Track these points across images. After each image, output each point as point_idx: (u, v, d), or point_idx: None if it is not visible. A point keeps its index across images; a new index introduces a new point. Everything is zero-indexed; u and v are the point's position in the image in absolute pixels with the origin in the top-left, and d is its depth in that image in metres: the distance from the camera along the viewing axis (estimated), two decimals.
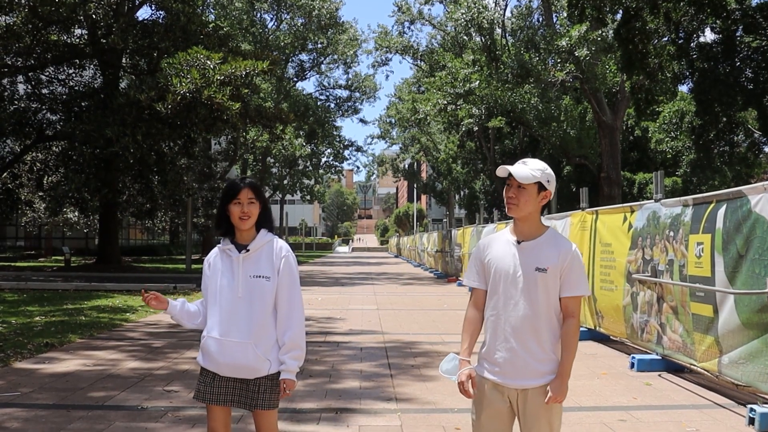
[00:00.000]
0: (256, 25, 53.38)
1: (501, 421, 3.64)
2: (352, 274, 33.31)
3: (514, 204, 3.58)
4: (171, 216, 46.76)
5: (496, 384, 3.60)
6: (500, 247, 3.68)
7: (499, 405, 3.61)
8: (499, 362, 3.58)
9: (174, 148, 31.12)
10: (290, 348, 3.87)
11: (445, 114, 35.57)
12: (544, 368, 3.55)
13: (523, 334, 3.53)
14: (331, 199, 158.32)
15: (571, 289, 3.58)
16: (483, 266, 3.73)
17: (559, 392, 3.53)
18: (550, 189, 3.59)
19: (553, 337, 3.58)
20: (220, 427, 3.97)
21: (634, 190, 39.31)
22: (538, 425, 3.56)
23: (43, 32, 27.63)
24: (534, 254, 3.58)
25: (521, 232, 3.65)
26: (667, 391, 7.73)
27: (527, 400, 3.56)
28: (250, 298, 3.84)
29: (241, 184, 3.92)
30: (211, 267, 3.99)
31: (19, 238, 50.42)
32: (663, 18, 21.90)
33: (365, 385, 7.96)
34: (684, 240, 8.17)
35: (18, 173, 32.71)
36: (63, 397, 7.22)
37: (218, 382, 3.89)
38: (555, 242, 3.62)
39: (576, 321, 3.60)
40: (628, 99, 28.33)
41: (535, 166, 3.59)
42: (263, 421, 3.95)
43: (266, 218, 4.01)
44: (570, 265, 3.57)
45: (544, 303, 3.55)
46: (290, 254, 3.99)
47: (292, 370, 3.87)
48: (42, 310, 14.82)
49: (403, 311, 16.10)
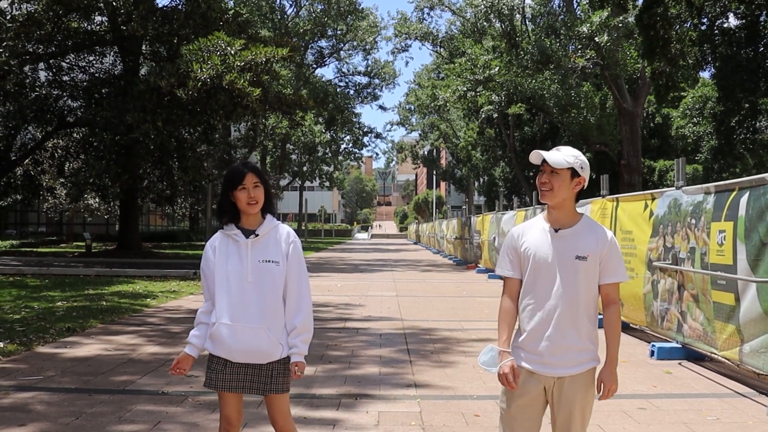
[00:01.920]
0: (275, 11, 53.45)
1: (534, 410, 3.62)
2: (371, 260, 33.33)
3: (548, 189, 3.55)
4: (191, 202, 46.96)
5: (532, 372, 3.58)
6: (537, 235, 3.64)
7: (534, 394, 3.59)
8: (537, 350, 3.55)
9: (194, 134, 31.21)
10: (301, 331, 3.88)
11: (465, 101, 35.48)
12: (581, 356, 3.55)
13: (562, 322, 3.51)
14: (350, 186, 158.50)
15: (612, 276, 3.57)
16: (518, 255, 3.68)
17: (611, 380, 3.56)
18: (584, 176, 3.57)
19: (591, 326, 3.58)
20: (233, 413, 3.97)
21: (655, 177, 39.07)
22: (572, 413, 3.56)
23: (64, 20, 27.74)
24: (573, 242, 3.55)
25: (557, 219, 3.62)
26: (687, 380, 7.69)
27: (563, 389, 3.55)
28: (260, 283, 3.84)
29: (245, 170, 3.88)
30: (216, 253, 3.93)
31: (41, 224, 50.90)
32: (685, 3, 21.72)
33: (384, 371, 7.97)
34: (706, 228, 8.11)
35: (40, 160, 32.97)
36: (85, 381, 7.28)
37: (230, 368, 3.89)
38: (592, 230, 3.60)
39: (617, 307, 3.61)
40: (649, 85, 28.14)
41: (569, 153, 3.57)
42: (276, 404, 3.95)
43: (270, 202, 3.99)
44: (609, 252, 3.56)
45: (584, 291, 3.53)
46: (297, 239, 3.99)
47: (303, 353, 3.87)
48: (64, 296, 14.94)
49: (422, 298, 16.10)
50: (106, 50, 31.57)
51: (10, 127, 30.26)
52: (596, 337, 3.60)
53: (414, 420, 6.03)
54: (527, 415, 3.62)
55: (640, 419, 6.11)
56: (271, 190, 4.05)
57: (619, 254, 3.62)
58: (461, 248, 31.17)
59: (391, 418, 6.09)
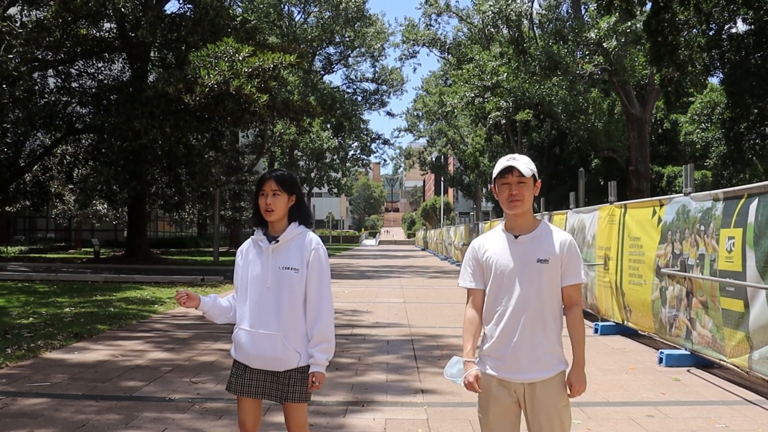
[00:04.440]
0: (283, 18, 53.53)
1: (509, 418, 3.62)
2: (379, 267, 33.32)
3: (519, 200, 3.59)
4: (199, 208, 47.00)
5: (502, 380, 3.58)
6: (498, 243, 3.69)
7: (506, 401, 3.59)
8: (503, 357, 3.57)
9: (202, 140, 31.28)
10: (318, 341, 3.85)
11: (473, 107, 35.51)
12: (550, 360, 3.56)
13: (529, 326, 3.53)
14: (358, 192, 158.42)
15: (572, 278, 3.62)
16: (480, 265, 3.72)
17: (579, 382, 3.56)
18: (539, 181, 3.68)
19: (558, 328, 3.61)
20: (249, 419, 3.97)
21: (663, 184, 38.98)
22: (548, 419, 3.54)
23: (73, 26, 27.82)
24: (533, 247, 3.60)
25: (518, 227, 3.66)
26: (696, 387, 7.65)
27: (535, 394, 3.54)
28: (279, 289, 3.84)
29: (267, 176, 3.93)
30: (243, 257, 4.01)
31: (49, 230, 51.00)
32: (693, 9, 21.65)
33: (391, 377, 7.95)
34: (715, 234, 8.08)
35: (48, 166, 33.04)
36: (92, 387, 7.28)
37: (249, 374, 3.90)
38: (551, 234, 3.65)
39: (580, 309, 3.66)
40: (657, 91, 28.09)
41: (526, 161, 3.64)
42: (293, 414, 3.94)
43: (300, 211, 3.99)
44: (568, 254, 3.61)
45: (548, 293, 3.57)
46: (320, 247, 3.95)
47: (320, 363, 3.85)
48: (72, 302, 14.97)
49: (430, 304, 16.08)
50: (114, 57, 31.68)
51: (20, 134, 30.32)
52: (561, 341, 3.63)
53: (421, 427, 6.01)
54: (503, 424, 3.63)
55: (648, 427, 6.08)
56: (303, 199, 4.05)
57: (579, 256, 3.68)
58: None
59: (398, 425, 6.08)
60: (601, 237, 12.09)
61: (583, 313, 3.72)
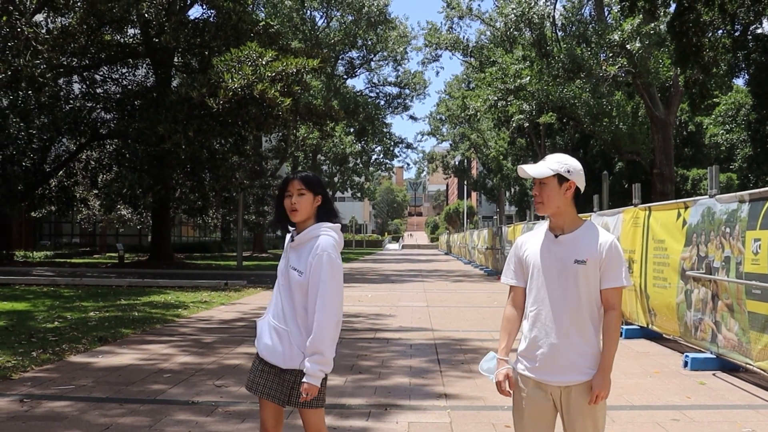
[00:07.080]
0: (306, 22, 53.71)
1: (544, 421, 3.58)
2: (402, 271, 33.30)
3: (539, 202, 3.56)
4: (222, 213, 47.15)
5: (538, 382, 3.54)
6: (538, 242, 3.64)
7: (542, 404, 3.55)
8: (540, 359, 3.52)
9: (225, 145, 31.45)
10: (311, 352, 3.72)
11: (496, 110, 35.43)
12: (586, 363, 3.49)
13: (565, 328, 3.48)
14: (381, 197, 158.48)
15: (611, 281, 3.51)
16: (521, 263, 3.69)
17: (602, 387, 3.46)
18: (572, 179, 3.53)
19: (596, 330, 3.54)
20: (268, 418, 3.95)
21: (688, 186, 38.69)
22: (582, 423, 3.49)
23: (97, 32, 28.12)
24: (572, 247, 3.53)
25: (558, 226, 3.60)
26: (721, 391, 7.58)
27: (570, 398, 3.50)
28: (289, 287, 3.86)
29: (291, 177, 3.94)
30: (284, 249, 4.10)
31: (74, 235, 51.45)
32: (718, 10, 21.47)
33: (414, 381, 7.94)
34: (741, 236, 8.00)
35: (73, 171, 33.32)
36: (117, 390, 7.33)
37: (259, 368, 3.92)
38: (593, 234, 3.56)
39: (618, 313, 3.54)
40: (681, 93, 27.90)
41: (554, 159, 3.57)
42: (307, 419, 3.91)
43: (327, 211, 3.97)
44: (609, 256, 3.50)
45: (585, 295, 3.49)
46: (326, 253, 3.79)
47: (311, 374, 3.70)
48: (96, 306, 15.07)
49: (453, 308, 16.04)
50: (138, 62, 31.98)
51: (45, 140, 30.61)
52: (599, 344, 3.56)
53: (444, 431, 5.99)
54: (539, 426, 3.58)
55: (673, 431, 6.03)
56: (329, 198, 4.02)
57: (621, 260, 3.56)
58: (492, 258, 31.04)
59: (421, 428, 6.06)
60: (625, 240, 12.01)
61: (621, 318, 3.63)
